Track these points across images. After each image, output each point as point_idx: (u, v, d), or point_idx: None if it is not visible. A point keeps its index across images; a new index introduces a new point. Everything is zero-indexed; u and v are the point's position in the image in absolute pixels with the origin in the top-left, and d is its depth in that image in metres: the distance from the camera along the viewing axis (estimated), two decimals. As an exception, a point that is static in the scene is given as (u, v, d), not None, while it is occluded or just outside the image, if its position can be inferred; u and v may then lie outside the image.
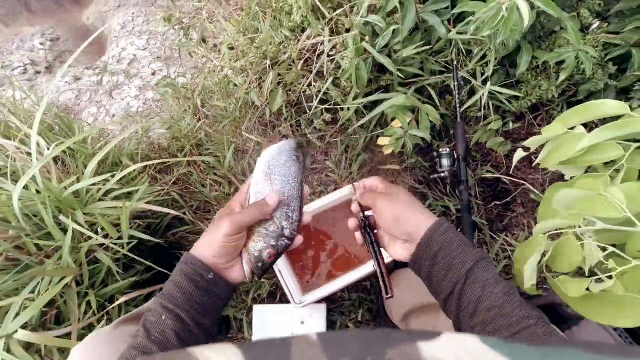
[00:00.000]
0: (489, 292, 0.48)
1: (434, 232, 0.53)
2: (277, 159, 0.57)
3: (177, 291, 0.51)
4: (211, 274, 0.53)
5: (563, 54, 0.91)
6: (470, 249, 0.51)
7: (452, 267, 0.52)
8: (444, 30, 0.90)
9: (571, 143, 0.55)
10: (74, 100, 1.78)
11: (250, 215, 0.54)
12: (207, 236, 0.54)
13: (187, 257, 0.54)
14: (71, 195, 0.77)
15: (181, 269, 0.53)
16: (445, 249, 0.52)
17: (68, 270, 0.67)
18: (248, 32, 1.02)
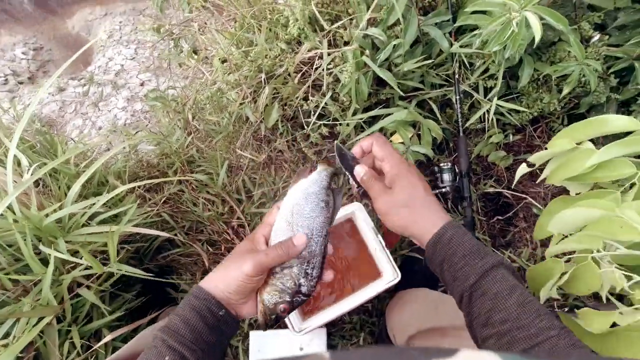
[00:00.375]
0: (501, 304, 0.45)
1: (436, 243, 0.50)
2: (302, 205, 0.53)
3: (185, 327, 0.47)
4: (222, 310, 0.49)
5: (567, 67, 0.89)
6: (475, 261, 0.47)
7: (456, 279, 0.49)
8: (446, 44, 0.87)
9: (580, 159, 0.52)
10: (58, 112, 1.71)
11: (275, 259, 0.50)
12: (223, 270, 0.51)
13: (198, 291, 0.50)
14: (53, 223, 0.71)
15: (190, 302, 0.49)
16: (448, 261, 0.49)
17: (48, 309, 0.61)
18: (242, 45, 0.98)
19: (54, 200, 0.80)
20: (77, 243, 0.73)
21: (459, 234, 0.49)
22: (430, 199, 0.53)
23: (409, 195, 0.52)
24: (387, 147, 0.55)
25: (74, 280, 0.72)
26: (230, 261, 0.52)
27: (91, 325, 0.73)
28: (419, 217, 0.51)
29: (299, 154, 1.15)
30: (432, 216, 0.51)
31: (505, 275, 0.46)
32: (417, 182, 0.52)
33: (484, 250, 0.48)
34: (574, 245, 0.51)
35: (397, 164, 0.53)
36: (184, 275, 1.07)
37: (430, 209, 0.52)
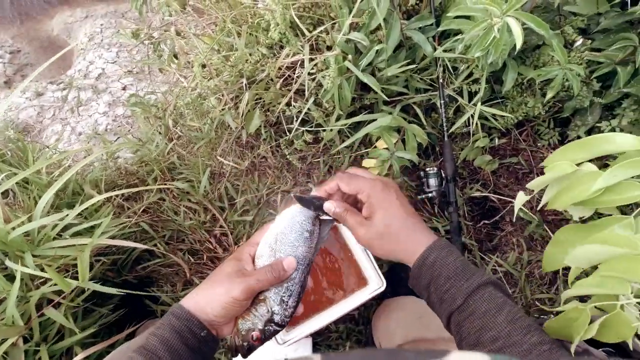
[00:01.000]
0: (491, 322, 0.44)
1: (420, 267, 0.49)
2: (287, 234, 0.53)
3: (163, 349, 0.45)
4: (204, 331, 0.47)
5: (550, 72, 0.89)
6: (460, 282, 0.46)
7: (443, 302, 0.48)
8: (429, 48, 0.86)
9: (583, 183, 0.50)
10: (36, 117, 1.65)
11: (265, 284, 0.50)
12: (210, 291, 0.49)
13: (179, 311, 0.48)
14: (20, 236, 0.67)
15: (171, 323, 0.47)
16: (434, 284, 0.48)
17: (12, 329, 0.58)
18: (222, 49, 0.95)
19: (23, 212, 0.76)
20: (47, 257, 0.70)
21: (442, 255, 0.48)
22: (410, 221, 0.51)
23: (386, 223, 0.50)
24: (354, 181, 0.52)
25: (44, 296, 0.69)
26: (216, 282, 0.50)
27: (62, 343, 0.69)
28: (400, 243, 0.50)
29: (282, 160, 1.12)
30: (413, 240, 0.50)
31: (493, 293, 0.45)
32: (394, 208, 0.50)
33: (469, 270, 0.47)
34: (595, 290, 0.47)
35: (371, 192, 0.51)
36: (164, 287, 1.04)
37: (411, 233, 0.50)
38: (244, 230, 1.07)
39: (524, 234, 1.13)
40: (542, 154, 1.20)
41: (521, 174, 1.20)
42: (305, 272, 0.53)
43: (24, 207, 0.78)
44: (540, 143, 1.18)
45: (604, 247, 0.42)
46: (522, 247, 1.12)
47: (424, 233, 0.51)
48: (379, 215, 0.50)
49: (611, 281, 0.43)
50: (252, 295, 0.49)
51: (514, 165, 1.20)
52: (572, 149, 0.56)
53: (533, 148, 1.20)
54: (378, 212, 0.50)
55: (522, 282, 1.07)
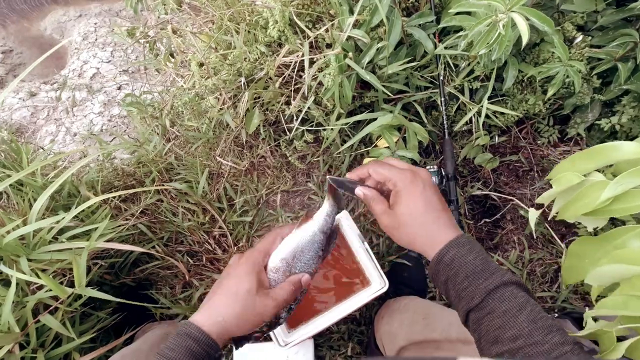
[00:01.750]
0: (511, 321, 0.43)
1: (438, 264, 0.48)
2: (304, 252, 0.55)
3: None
4: (218, 353, 0.47)
5: (552, 69, 0.88)
6: (479, 281, 0.45)
7: (462, 299, 0.47)
8: (431, 45, 0.85)
9: (591, 193, 0.49)
10: (29, 118, 1.63)
11: (288, 302, 0.52)
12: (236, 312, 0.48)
13: (199, 335, 0.45)
14: (15, 240, 0.66)
15: (189, 347, 0.44)
16: (452, 281, 0.48)
17: (7, 336, 0.56)
18: (220, 48, 0.94)
19: (18, 215, 0.75)
20: (43, 261, 0.68)
21: (461, 253, 0.47)
22: (433, 215, 0.50)
23: (407, 214, 0.50)
24: (384, 169, 0.53)
25: (40, 301, 0.67)
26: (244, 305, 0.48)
27: (60, 349, 0.68)
28: (418, 236, 0.50)
29: (282, 160, 1.11)
30: (433, 234, 0.49)
31: (514, 293, 0.44)
32: (418, 199, 0.50)
33: (489, 269, 0.46)
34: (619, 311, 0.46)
35: (399, 182, 0.51)
36: (163, 289, 1.03)
37: (432, 227, 0.49)
38: (243, 231, 1.06)
39: (525, 232, 1.13)
40: (542, 151, 1.19)
41: (521, 171, 1.20)
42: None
43: (18, 210, 0.76)
44: (540, 141, 1.18)
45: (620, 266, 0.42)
46: (523, 245, 1.12)
47: (446, 228, 0.49)
48: (401, 206, 0.50)
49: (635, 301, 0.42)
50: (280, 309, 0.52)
51: (514, 163, 1.20)
52: (580, 159, 0.56)
53: (533, 146, 1.20)
54: (401, 202, 0.50)
55: (523, 281, 1.07)
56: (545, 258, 1.10)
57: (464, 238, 0.48)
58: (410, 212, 0.50)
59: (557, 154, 1.18)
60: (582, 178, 0.53)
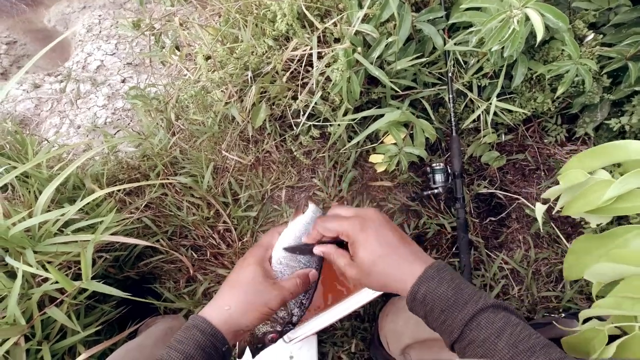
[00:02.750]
0: (491, 349, 0.42)
1: (412, 302, 0.48)
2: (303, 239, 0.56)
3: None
4: (226, 345, 0.47)
5: (562, 67, 0.87)
6: (455, 314, 0.45)
7: (442, 333, 0.47)
8: (440, 41, 0.84)
9: (596, 191, 0.49)
10: (33, 110, 1.62)
11: (295, 294, 0.52)
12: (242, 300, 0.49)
13: (205, 325, 0.47)
14: (21, 232, 0.65)
15: (195, 338, 0.45)
16: (430, 316, 0.47)
17: (13, 329, 0.56)
18: (227, 41, 0.93)
19: (24, 207, 0.74)
20: (49, 254, 0.68)
21: (432, 287, 0.46)
22: (394, 254, 0.49)
23: (370, 261, 0.49)
24: (331, 223, 0.52)
25: (45, 293, 0.67)
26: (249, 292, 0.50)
27: (65, 342, 0.68)
28: (388, 277, 0.49)
29: (287, 155, 1.10)
30: (401, 273, 0.48)
31: (491, 319, 0.43)
32: (374, 245, 0.49)
33: (463, 298, 0.45)
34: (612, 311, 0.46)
35: (350, 232, 0.50)
36: (167, 283, 1.02)
37: (397, 266, 0.49)
38: (247, 226, 1.06)
39: (531, 231, 1.12)
40: (548, 150, 1.18)
41: (528, 170, 1.19)
42: (319, 274, 0.56)
43: (24, 202, 0.75)
44: (547, 139, 1.17)
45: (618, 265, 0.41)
46: (528, 245, 1.11)
47: (412, 262, 0.49)
48: (360, 254, 0.49)
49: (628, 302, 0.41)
50: (284, 304, 0.51)
51: (520, 161, 1.19)
52: (588, 157, 0.55)
53: (540, 144, 1.19)
54: (359, 251, 0.49)
55: (528, 280, 1.06)
56: (551, 257, 1.10)
57: (432, 269, 0.47)
58: (370, 260, 0.49)
59: (564, 153, 1.17)
60: (588, 176, 0.53)
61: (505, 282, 1.07)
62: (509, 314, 0.44)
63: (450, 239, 1.12)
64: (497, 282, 1.07)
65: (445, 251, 1.11)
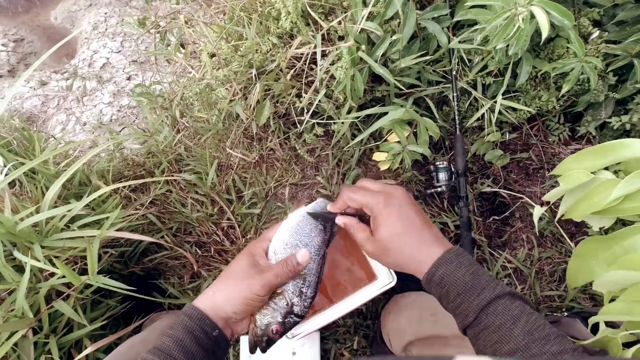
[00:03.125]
0: (507, 335, 0.43)
1: (428, 283, 0.48)
2: (302, 225, 0.55)
3: (178, 350, 0.44)
4: (216, 330, 0.48)
5: (567, 65, 0.87)
6: (471, 298, 0.45)
7: (457, 316, 0.47)
8: (445, 39, 0.84)
9: (602, 191, 0.48)
10: (40, 107, 1.64)
11: (283, 278, 0.50)
12: (227, 287, 0.50)
13: (192, 310, 0.48)
14: (28, 227, 0.66)
15: (184, 323, 0.47)
16: (445, 299, 0.47)
17: (21, 322, 0.57)
18: (231, 39, 0.93)
19: (31, 203, 0.75)
20: (56, 249, 0.69)
21: (450, 270, 0.46)
22: (415, 234, 0.49)
23: (388, 238, 0.49)
24: (358, 195, 0.51)
25: (52, 288, 0.68)
26: (234, 278, 0.50)
27: (71, 335, 0.69)
28: (405, 257, 0.49)
29: (291, 153, 1.11)
30: (419, 253, 0.48)
31: (507, 305, 0.44)
32: (396, 221, 0.49)
33: (480, 284, 0.45)
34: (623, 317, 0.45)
35: (374, 206, 0.50)
36: (171, 279, 1.03)
37: (416, 246, 0.48)
38: (251, 222, 1.06)
39: (534, 230, 1.12)
40: (553, 149, 1.18)
41: (532, 169, 1.19)
42: (320, 263, 0.54)
43: (31, 198, 0.76)
44: (551, 138, 1.17)
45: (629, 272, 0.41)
46: (532, 244, 1.11)
47: (431, 245, 0.48)
48: (381, 230, 0.49)
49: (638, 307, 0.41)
50: (272, 290, 0.50)
51: (524, 160, 1.18)
52: (587, 156, 0.54)
53: (544, 143, 1.18)
54: (381, 227, 0.49)
55: (531, 279, 1.06)
56: (554, 257, 1.10)
57: (451, 253, 0.47)
58: (391, 236, 0.48)
59: (568, 152, 1.17)
60: (591, 176, 0.52)
61: (508, 281, 1.07)
62: (524, 304, 0.45)
63: (454, 238, 1.12)
64: (500, 280, 1.07)
65: (448, 249, 1.11)
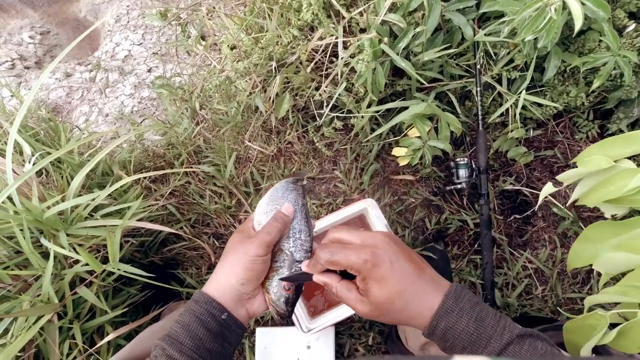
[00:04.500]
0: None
1: (431, 336, 0.44)
2: (274, 192, 0.57)
3: (185, 335, 0.44)
4: (225, 314, 0.47)
5: (599, 59, 0.83)
6: (479, 350, 0.42)
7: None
8: (470, 32, 0.82)
9: (619, 180, 0.46)
10: (65, 98, 1.68)
11: (276, 233, 0.50)
12: (226, 263, 0.49)
13: (198, 296, 0.48)
14: (54, 215, 0.68)
15: (190, 308, 0.47)
16: (450, 350, 0.44)
17: (48, 307, 0.59)
18: (252, 31, 0.93)
19: (57, 191, 0.77)
20: (80, 237, 0.70)
21: (451, 322, 0.42)
22: (412, 288, 0.44)
23: (387, 300, 0.43)
24: (340, 255, 0.44)
25: (77, 274, 0.70)
26: (229, 253, 0.50)
27: (94, 321, 0.71)
28: (406, 315, 0.44)
29: (309, 147, 1.10)
30: (419, 306, 0.44)
31: (516, 352, 0.41)
32: (390, 280, 0.43)
33: (485, 334, 0.42)
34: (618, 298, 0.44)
35: (361, 268, 0.43)
36: (189, 269, 1.05)
37: (416, 300, 0.44)
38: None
39: (558, 230, 1.09)
40: (579, 147, 1.14)
41: (556, 167, 1.15)
42: (303, 210, 0.55)
43: (57, 187, 0.78)
44: (578, 136, 1.12)
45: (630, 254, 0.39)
46: (554, 244, 1.08)
47: (430, 291, 0.44)
48: (374, 293, 0.43)
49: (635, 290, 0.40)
50: (269, 248, 0.49)
51: (549, 158, 1.15)
52: (612, 144, 0.52)
53: (570, 141, 1.14)
54: (373, 289, 0.43)
55: (553, 280, 1.03)
56: (578, 258, 1.06)
57: (450, 300, 0.43)
58: (388, 298, 0.43)
59: (596, 150, 1.12)
60: (612, 163, 0.50)
61: (528, 281, 1.04)
62: (533, 341, 0.42)
63: (473, 236, 1.09)
64: (520, 281, 1.04)
65: (466, 247, 1.09)
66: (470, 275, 1.05)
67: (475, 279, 1.04)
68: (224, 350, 0.47)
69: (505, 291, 1.04)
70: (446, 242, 1.10)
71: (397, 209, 1.09)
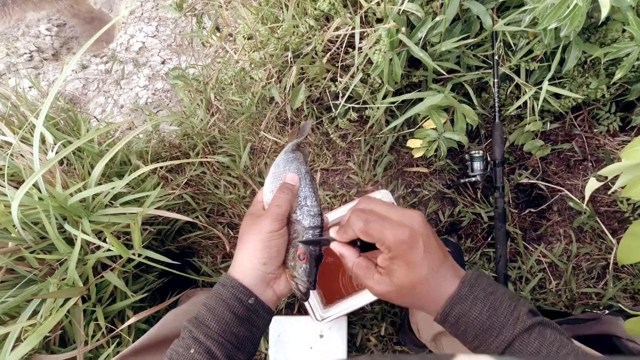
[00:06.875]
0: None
1: (443, 322, 0.43)
2: (276, 167, 0.55)
3: (212, 319, 0.45)
4: (252, 298, 0.46)
5: (622, 49, 0.81)
6: (490, 339, 0.41)
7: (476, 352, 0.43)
8: (489, 21, 0.80)
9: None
10: (81, 89, 1.70)
11: (285, 204, 0.48)
12: (244, 246, 0.48)
13: (225, 279, 0.47)
14: (77, 202, 0.70)
15: (218, 291, 0.47)
16: (462, 339, 0.44)
17: (74, 290, 0.61)
18: (268, 21, 0.93)
19: (78, 179, 0.79)
20: (101, 223, 0.72)
21: (464, 309, 0.42)
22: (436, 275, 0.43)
23: (407, 282, 0.42)
24: (374, 228, 0.42)
25: (99, 260, 0.72)
26: (245, 235, 0.49)
27: (115, 305, 0.73)
28: (421, 298, 0.43)
29: (323, 138, 1.11)
30: (436, 291, 0.43)
31: (525, 342, 0.40)
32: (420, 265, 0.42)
33: (498, 322, 0.41)
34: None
35: (395, 247, 0.41)
36: (204, 258, 1.07)
37: (435, 285, 0.43)
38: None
39: (573, 224, 1.08)
40: (598, 140, 1.12)
41: (573, 161, 1.13)
42: (306, 178, 0.53)
43: (78, 175, 0.80)
44: (598, 129, 1.10)
45: None
46: (570, 238, 1.07)
47: (448, 279, 0.43)
48: (400, 274, 0.42)
49: None
50: (283, 221, 0.48)
51: (566, 151, 1.13)
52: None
53: (589, 134, 1.12)
54: (401, 270, 0.42)
55: (567, 275, 1.02)
56: (593, 253, 1.05)
57: (465, 287, 0.42)
58: (413, 282, 0.42)
59: (615, 144, 1.10)
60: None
61: (542, 275, 1.04)
62: (543, 329, 0.41)
63: (486, 229, 1.09)
64: (534, 275, 1.04)
65: (480, 241, 1.09)
66: (483, 269, 1.05)
67: (488, 272, 1.04)
68: (251, 334, 0.47)
69: (518, 285, 1.04)
70: (459, 234, 1.10)
71: (411, 201, 1.09)
